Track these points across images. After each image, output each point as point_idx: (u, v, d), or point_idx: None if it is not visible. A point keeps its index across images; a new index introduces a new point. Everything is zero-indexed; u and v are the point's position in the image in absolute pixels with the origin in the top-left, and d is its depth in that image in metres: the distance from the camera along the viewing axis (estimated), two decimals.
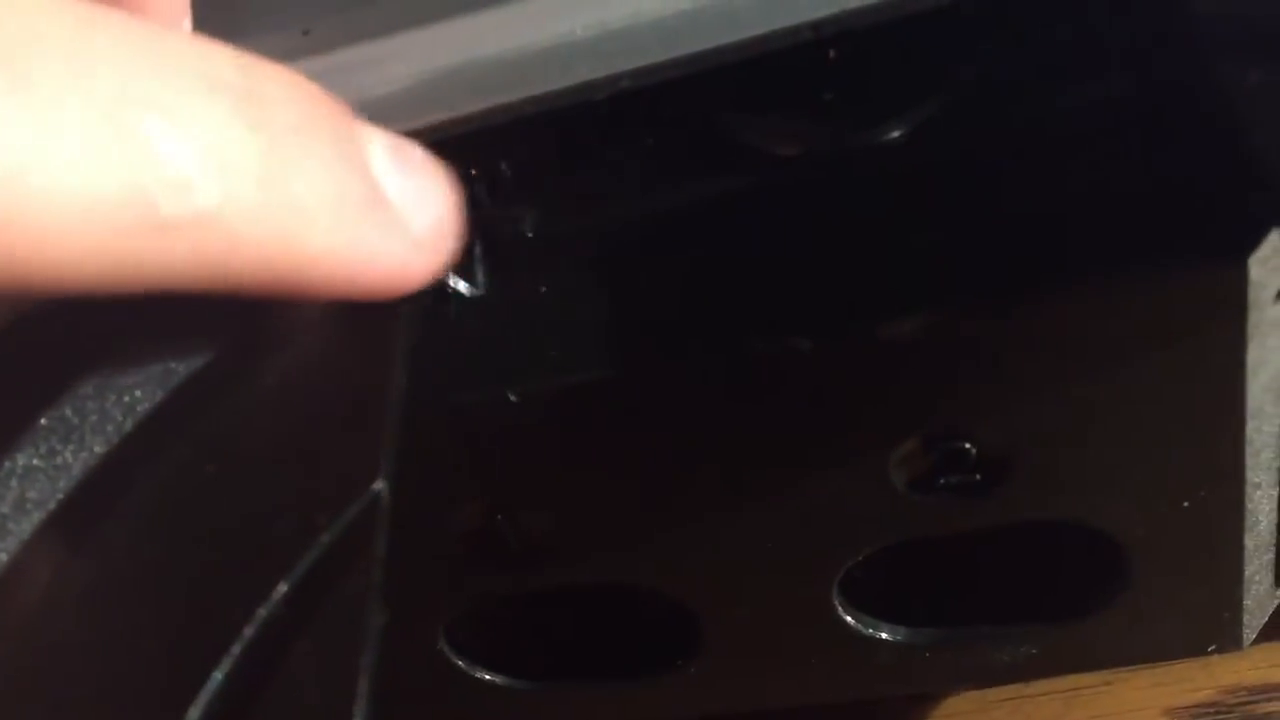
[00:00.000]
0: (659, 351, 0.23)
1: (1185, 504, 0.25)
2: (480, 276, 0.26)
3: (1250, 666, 0.33)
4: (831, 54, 0.24)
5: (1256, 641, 0.31)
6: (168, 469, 0.20)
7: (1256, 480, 0.25)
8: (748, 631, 0.29)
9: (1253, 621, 0.28)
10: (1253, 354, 0.22)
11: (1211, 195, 0.21)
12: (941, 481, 0.25)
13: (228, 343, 0.22)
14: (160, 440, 0.21)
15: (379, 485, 0.19)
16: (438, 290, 0.26)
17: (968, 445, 0.24)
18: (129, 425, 0.21)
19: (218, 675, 0.17)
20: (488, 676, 0.31)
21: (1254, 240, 0.21)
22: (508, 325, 0.25)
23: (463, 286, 0.26)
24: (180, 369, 0.22)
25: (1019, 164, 0.23)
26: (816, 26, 0.21)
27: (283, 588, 0.18)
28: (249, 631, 0.18)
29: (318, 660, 0.18)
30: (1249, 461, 0.24)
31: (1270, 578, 0.28)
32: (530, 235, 0.26)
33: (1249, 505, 0.25)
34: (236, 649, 0.18)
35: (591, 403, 0.24)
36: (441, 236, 0.22)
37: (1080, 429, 0.23)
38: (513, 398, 0.24)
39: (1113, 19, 0.23)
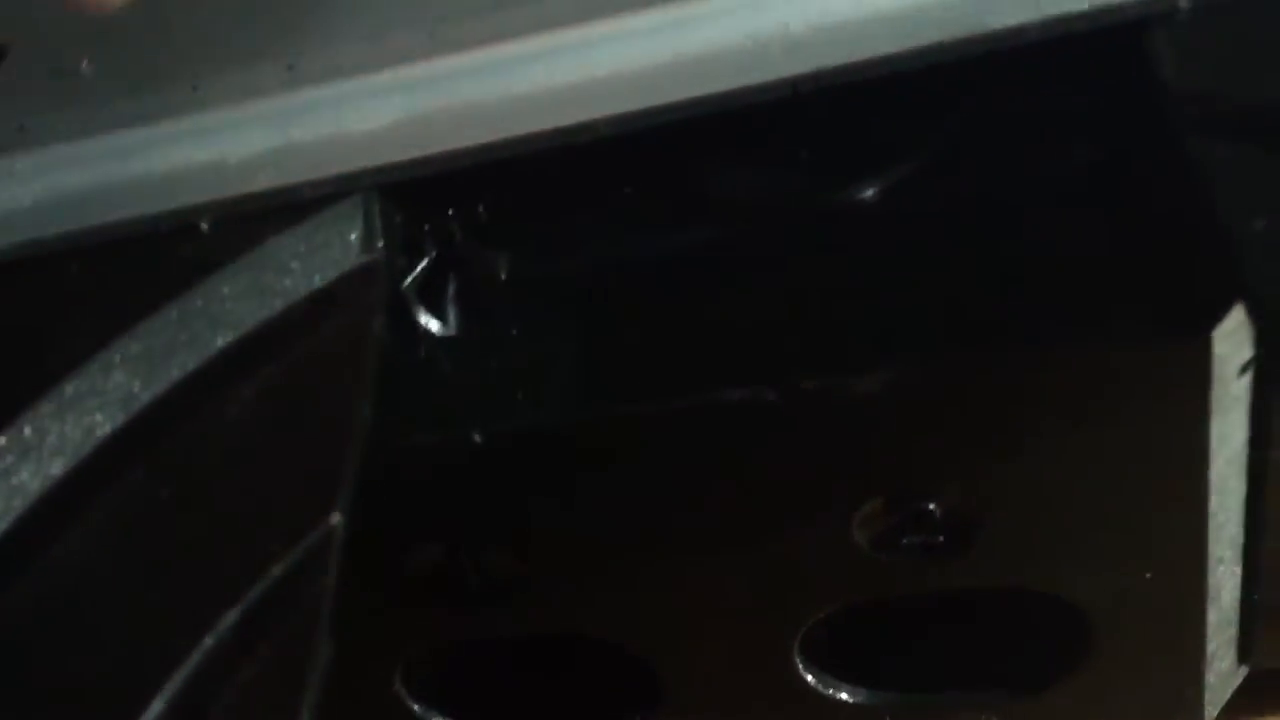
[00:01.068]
0: (624, 399, 0.23)
1: (1148, 576, 0.25)
2: (453, 317, 0.26)
3: None
4: (816, 114, 0.24)
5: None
6: (124, 493, 0.20)
7: (1220, 555, 0.25)
8: (708, 687, 0.28)
9: (1214, 698, 0.28)
10: (1216, 428, 0.22)
11: (1176, 268, 0.21)
12: (905, 542, 0.25)
13: (191, 370, 0.22)
14: (118, 464, 0.21)
15: (335, 518, 0.19)
16: (410, 329, 0.26)
17: (932, 506, 0.24)
18: (88, 448, 0.21)
19: (158, 704, 0.17)
20: None
21: (1218, 315, 0.21)
22: (477, 366, 0.25)
23: (434, 326, 0.26)
24: (143, 395, 0.22)
25: (987, 229, 0.23)
26: (794, 84, 0.22)
27: (231, 616, 0.18)
28: (194, 658, 0.18)
29: (262, 690, 0.18)
30: (1212, 535, 0.24)
31: (1233, 654, 0.28)
32: (504, 278, 0.26)
33: (1212, 580, 0.25)
34: (180, 676, 0.18)
35: (555, 447, 0.24)
36: None
37: (1043, 495, 0.23)
38: (477, 438, 0.24)
39: (1084, 92, 0.23)
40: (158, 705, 0.17)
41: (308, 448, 0.21)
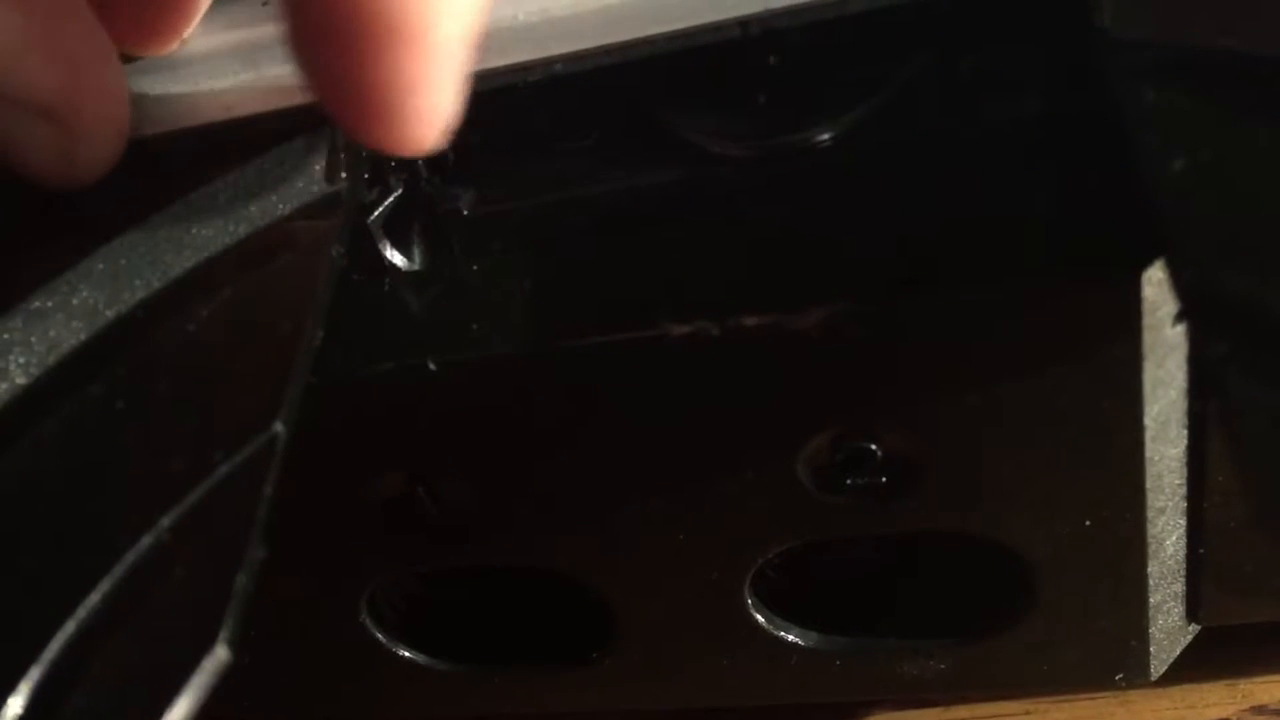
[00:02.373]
0: (572, 332, 0.24)
1: (1087, 523, 0.25)
2: (417, 252, 0.26)
3: (1170, 705, 0.33)
4: (772, 59, 0.25)
5: (1176, 681, 0.31)
6: (79, 404, 0.21)
7: (1160, 505, 0.25)
8: (661, 625, 0.29)
9: (1161, 654, 0.28)
10: (1149, 375, 0.23)
11: (1110, 213, 0.21)
12: (849, 482, 0.25)
13: (154, 290, 0.23)
14: (78, 377, 0.22)
15: (278, 427, 0.20)
16: (374, 263, 0.26)
17: (873, 447, 0.25)
18: (51, 360, 0.22)
19: (94, 597, 0.18)
20: (407, 653, 0.31)
21: (1148, 259, 0.21)
22: (438, 300, 0.26)
23: (399, 260, 0.26)
24: (106, 311, 0.23)
25: (933, 173, 0.23)
26: (744, 23, 0.22)
27: (168, 519, 0.19)
28: (130, 557, 0.18)
29: (193, 590, 0.19)
30: (1151, 485, 0.24)
31: (1181, 609, 0.28)
32: (467, 214, 0.26)
33: (1153, 530, 0.25)
34: (117, 573, 0.18)
35: (508, 378, 0.25)
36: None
37: (982, 438, 0.24)
38: (432, 367, 0.24)
39: (1029, 40, 0.23)
40: (94, 598, 0.18)
41: (258, 366, 0.22)
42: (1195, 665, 0.30)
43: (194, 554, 0.19)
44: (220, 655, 0.17)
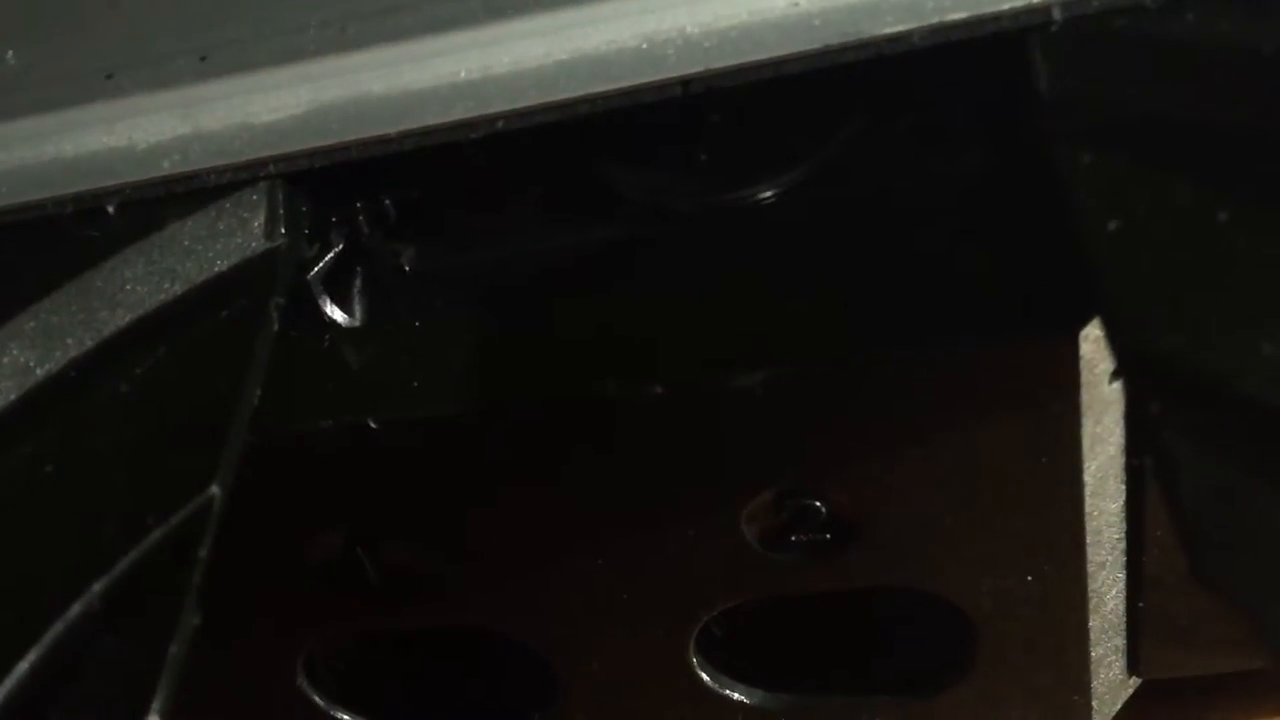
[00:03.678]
0: (516, 392, 0.24)
1: (1029, 578, 0.25)
2: (358, 308, 0.26)
3: None
4: (714, 118, 0.25)
5: None
6: (9, 467, 0.21)
7: (1100, 559, 0.25)
8: (605, 685, 0.29)
9: (1104, 708, 0.29)
10: (1088, 431, 0.23)
11: (1047, 271, 0.22)
12: (793, 539, 0.25)
13: (87, 349, 0.22)
14: (8, 439, 0.21)
15: (214, 490, 0.20)
16: (314, 319, 0.26)
17: (818, 504, 0.25)
18: None
19: (23, 666, 0.17)
20: (345, 717, 0.30)
21: (1085, 317, 0.21)
22: (379, 356, 0.25)
23: (339, 316, 0.26)
24: (38, 371, 0.22)
25: (872, 232, 0.23)
26: (685, 83, 0.22)
27: (99, 585, 0.18)
28: (59, 626, 0.18)
29: (125, 656, 0.18)
30: (1090, 539, 0.25)
31: (1122, 663, 0.28)
32: (409, 270, 0.26)
33: (1093, 585, 0.26)
34: (46, 642, 0.18)
35: (451, 437, 0.24)
36: None
37: (924, 495, 0.24)
38: (373, 425, 0.24)
39: (965, 100, 0.24)
40: (22, 667, 0.18)
41: (194, 425, 0.21)
42: (1136, 718, 0.30)
43: (126, 622, 0.18)
44: None
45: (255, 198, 0.24)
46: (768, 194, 0.24)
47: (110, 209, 0.24)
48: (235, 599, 0.27)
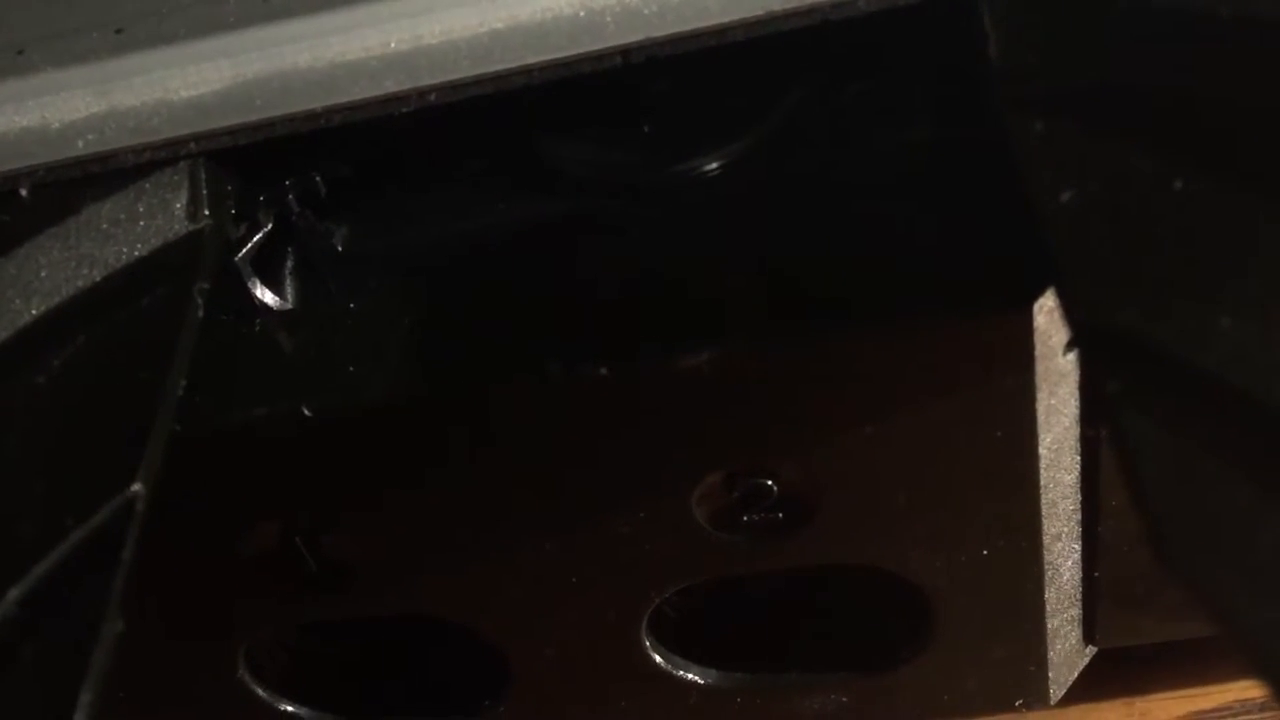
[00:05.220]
0: (456, 375, 0.23)
1: (984, 553, 0.25)
2: (289, 291, 0.25)
3: None
4: (655, 89, 0.24)
5: (1075, 702, 0.31)
6: None
7: (1055, 531, 0.25)
8: (557, 670, 0.28)
9: (1060, 677, 0.28)
10: (1043, 403, 0.22)
11: (1001, 243, 0.21)
12: (745, 519, 0.25)
13: (2, 338, 0.21)
14: None
15: (136, 488, 0.19)
16: (243, 303, 0.25)
17: (770, 483, 0.24)
18: None
19: None
20: (290, 708, 0.30)
21: (1039, 289, 0.21)
22: (312, 341, 0.24)
23: (270, 299, 0.25)
24: None
25: (820, 204, 0.23)
26: (625, 52, 0.21)
27: (16, 591, 0.17)
28: None
29: (45, 668, 0.17)
30: (1046, 512, 0.24)
31: (1078, 633, 0.28)
32: (341, 251, 0.25)
33: (1049, 557, 0.25)
34: None
35: (388, 423, 0.23)
36: None
37: (876, 471, 0.23)
38: (307, 413, 0.23)
39: (916, 68, 0.23)
40: None
41: (116, 419, 0.20)
42: (1093, 687, 0.30)
43: (45, 630, 0.17)
44: None
45: (177, 178, 0.23)
46: (713, 166, 0.24)
47: (23, 192, 0.23)
48: (171, 593, 0.26)
